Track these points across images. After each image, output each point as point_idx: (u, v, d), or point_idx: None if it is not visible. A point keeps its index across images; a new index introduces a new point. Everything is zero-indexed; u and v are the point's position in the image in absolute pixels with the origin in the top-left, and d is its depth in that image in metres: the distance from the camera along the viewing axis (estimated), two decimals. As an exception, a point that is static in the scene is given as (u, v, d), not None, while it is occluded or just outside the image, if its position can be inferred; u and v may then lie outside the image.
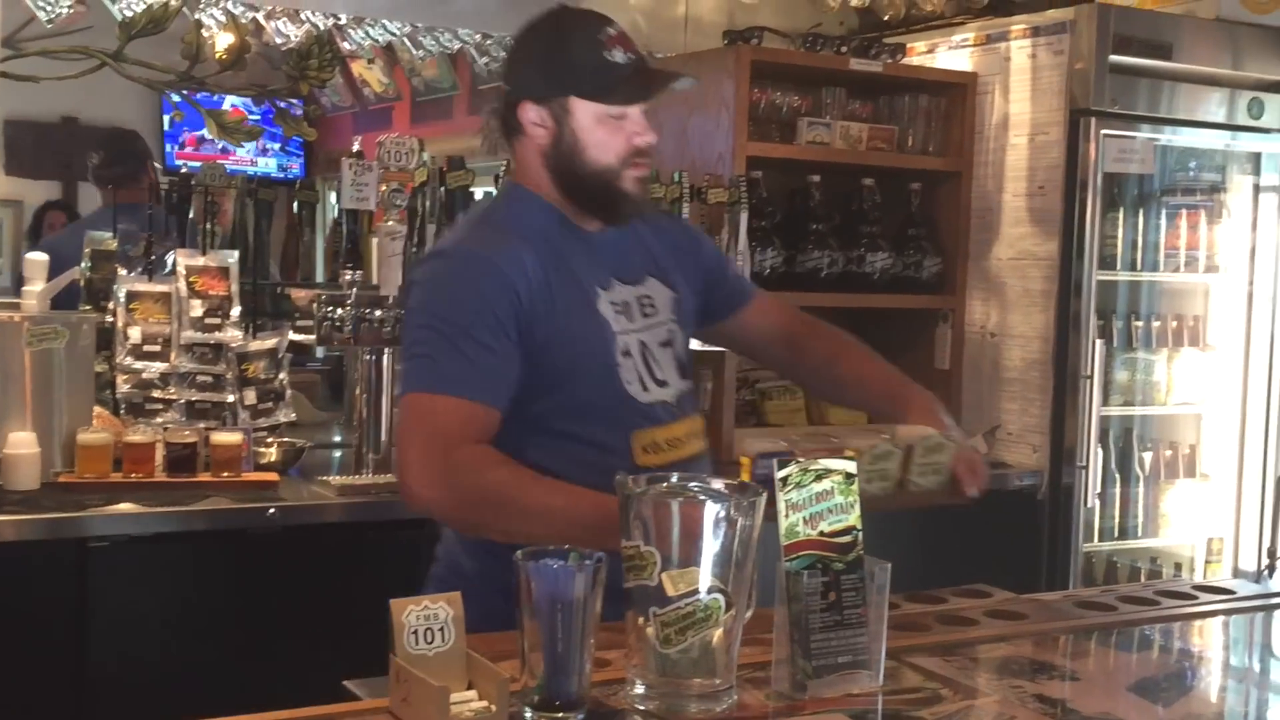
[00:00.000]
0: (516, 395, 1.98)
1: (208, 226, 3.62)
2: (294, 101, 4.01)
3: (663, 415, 2.07)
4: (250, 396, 3.16)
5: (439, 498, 1.90)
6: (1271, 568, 2.36)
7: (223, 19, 3.80)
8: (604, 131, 2.03)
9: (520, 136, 2.09)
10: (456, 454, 1.89)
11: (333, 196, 4.06)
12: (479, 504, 1.88)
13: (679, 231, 2.35)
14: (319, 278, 4.01)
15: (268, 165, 7.76)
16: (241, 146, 4.27)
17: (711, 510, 1.48)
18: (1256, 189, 4.07)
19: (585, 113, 2.02)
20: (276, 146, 7.74)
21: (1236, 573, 3.85)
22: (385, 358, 3.13)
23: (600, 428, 2.03)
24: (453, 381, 1.94)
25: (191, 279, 3.19)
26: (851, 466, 1.63)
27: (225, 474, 2.85)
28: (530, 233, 2.05)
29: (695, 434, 2.14)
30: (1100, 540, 3.91)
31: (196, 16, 3.74)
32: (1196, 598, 2.11)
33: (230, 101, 4.70)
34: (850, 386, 2.35)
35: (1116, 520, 3.96)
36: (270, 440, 3.12)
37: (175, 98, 3.73)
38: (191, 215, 3.68)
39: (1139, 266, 3.97)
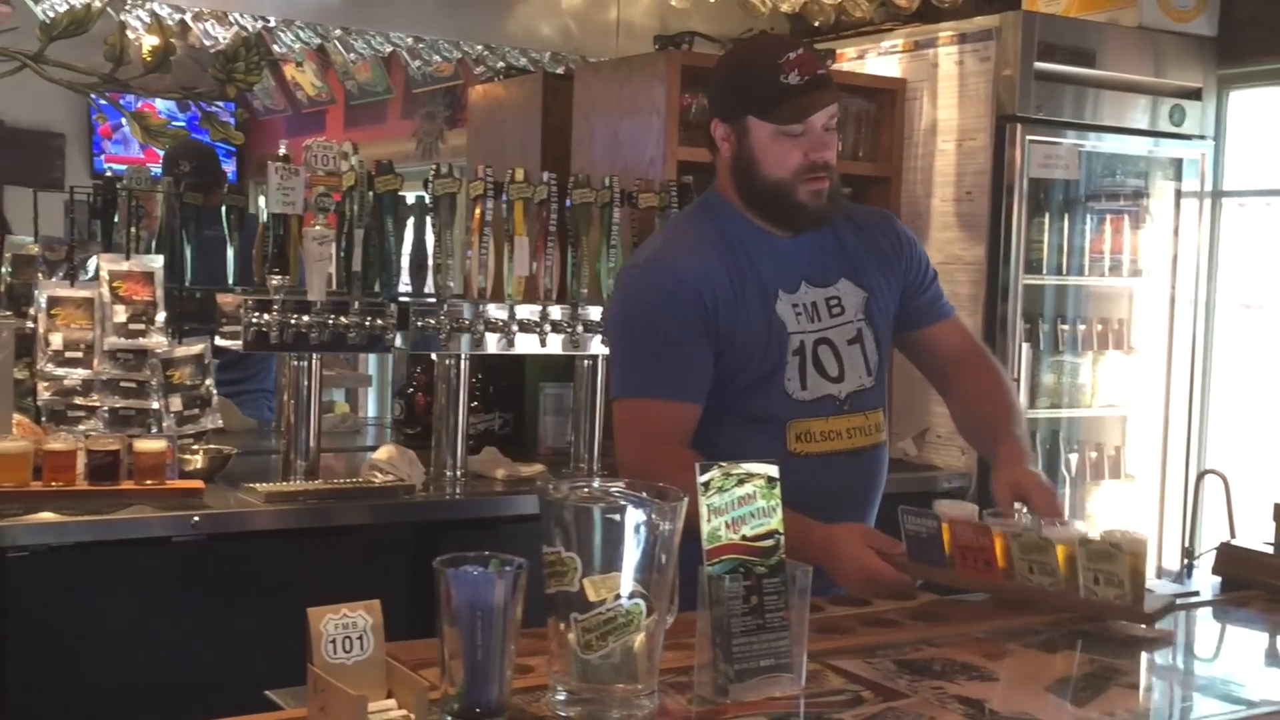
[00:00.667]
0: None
1: (133, 230, 3.59)
2: (220, 105, 3.96)
3: (823, 410, 2.29)
4: (176, 403, 3.12)
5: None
6: (1190, 567, 2.40)
7: (148, 20, 3.75)
8: (779, 148, 2.24)
9: (715, 150, 2.35)
10: (661, 453, 2.17)
11: (261, 200, 4.02)
12: None
13: (886, 233, 2.45)
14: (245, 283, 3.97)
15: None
16: (165, 149, 4.20)
17: (633, 516, 1.48)
18: (1178, 194, 4.14)
19: (761, 130, 2.25)
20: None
21: (1160, 572, 3.91)
22: (313, 363, 3.10)
23: (761, 415, 2.27)
24: (656, 385, 2.24)
25: (115, 284, 3.14)
26: (774, 471, 1.64)
27: (149, 482, 2.80)
28: (719, 238, 2.30)
29: (862, 429, 2.33)
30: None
31: (121, 18, 3.69)
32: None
33: (160, 105, 4.66)
34: (970, 429, 2.48)
35: (1043, 521, 4.00)
36: (196, 447, 3.08)
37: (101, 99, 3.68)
38: (117, 219, 3.65)
39: (1065, 271, 4.03)
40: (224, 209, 3.78)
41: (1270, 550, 2.23)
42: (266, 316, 2.97)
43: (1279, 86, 4.14)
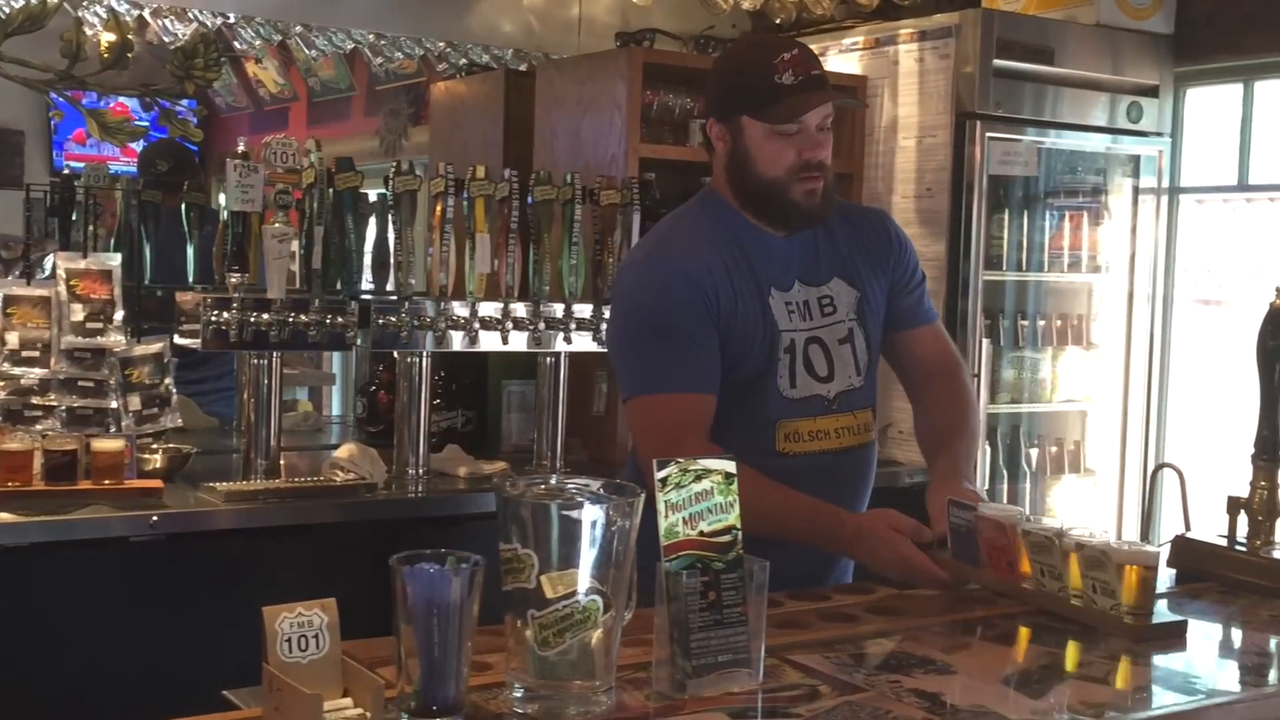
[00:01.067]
0: None
1: (91, 229, 3.56)
2: (185, 104, 3.94)
3: (814, 409, 2.29)
4: (134, 402, 3.10)
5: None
6: (1146, 560, 2.42)
7: (105, 16, 3.72)
8: (773, 146, 2.25)
9: (711, 149, 2.36)
10: (685, 449, 2.05)
11: (222, 198, 4.00)
12: None
13: (879, 232, 2.45)
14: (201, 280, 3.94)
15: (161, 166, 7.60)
16: (124, 148, 4.17)
17: (590, 513, 1.49)
18: (1136, 191, 4.18)
19: (755, 129, 2.25)
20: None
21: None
22: (273, 361, 3.09)
23: (750, 413, 2.27)
24: (668, 378, 2.22)
25: (72, 282, 3.11)
26: (731, 466, 1.64)
27: (107, 481, 2.78)
28: (715, 234, 2.30)
29: (850, 429, 2.34)
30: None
31: (77, 14, 3.66)
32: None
33: (125, 102, 4.62)
34: (921, 440, 2.47)
35: (1004, 515, 4.03)
36: (155, 447, 3.06)
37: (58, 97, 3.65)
38: (75, 217, 3.62)
39: (1024, 267, 4.06)
40: (183, 207, 3.77)
41: (1224, 543, 2.26)
42: (226, 315, 2.95)
43: (1235, 84, 4.18)
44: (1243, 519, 2.24)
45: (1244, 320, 2.23)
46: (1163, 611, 1.94)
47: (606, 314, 3.05)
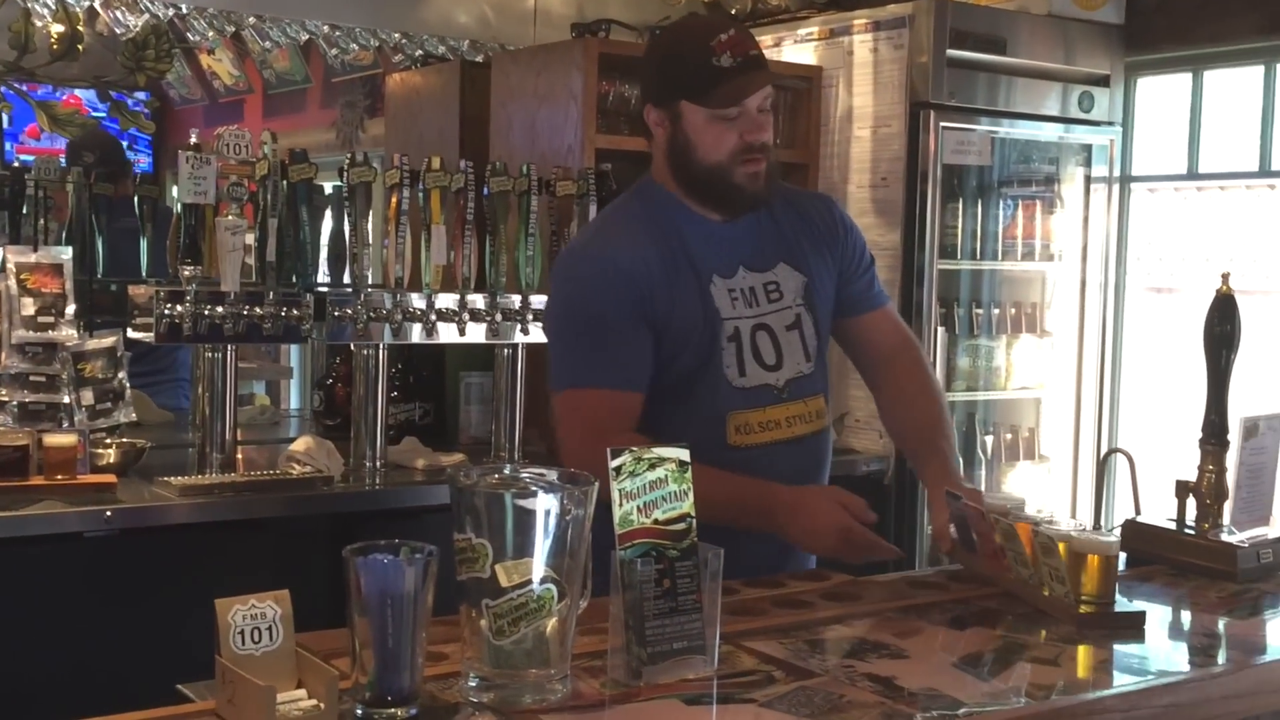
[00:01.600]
0: None
1: (41, 222, 3.53)
2: (140, 95, 3.91)
3: (763, 399, 2.26)
4: (87, 397, 3.07)
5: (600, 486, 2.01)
6: (1097, 545, 2.45)
7: (54, 7, 3.68)
8: (714, 131, 2.21)
9: (650, 136, 2.32)
10: (606, 444, 1.98)
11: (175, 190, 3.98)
12: None
13: (825, 216, 2.41)
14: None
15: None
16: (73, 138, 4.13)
17: (544, 501, 1.49)
18: (1088, 180, 4.22)
19: (695, 114, 2.21)
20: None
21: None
22: (228, 354, 3.07)
23: (700, 406, 2.23)
24: (597, 373, 2.19)
25: (22, 276, 3.08)
26: (684, 454, 1.65)
27: (60, 477, 2.76)
28: (651, 223, 2.27)
29: (802, 417, 2.30)
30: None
31: (26, 4, 3.62)
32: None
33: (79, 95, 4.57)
34: (898, 434, 2.48)
35: (961, 502, 4.07)
36: (109, 441, 3.03)
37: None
38: (25, 211, 3.58)
39: (979, 255, 4.09)
40: (136, 199, 3.74)
41: (1173, 526, 2.29)
42: (179, 308, 2.93)
43: (1185, 73, 4.23)
44: (1191, 503, 2.27)
45: (1196, 307, 2.27)
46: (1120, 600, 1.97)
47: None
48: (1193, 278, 4.31)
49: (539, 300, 3.35)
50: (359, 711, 1.41)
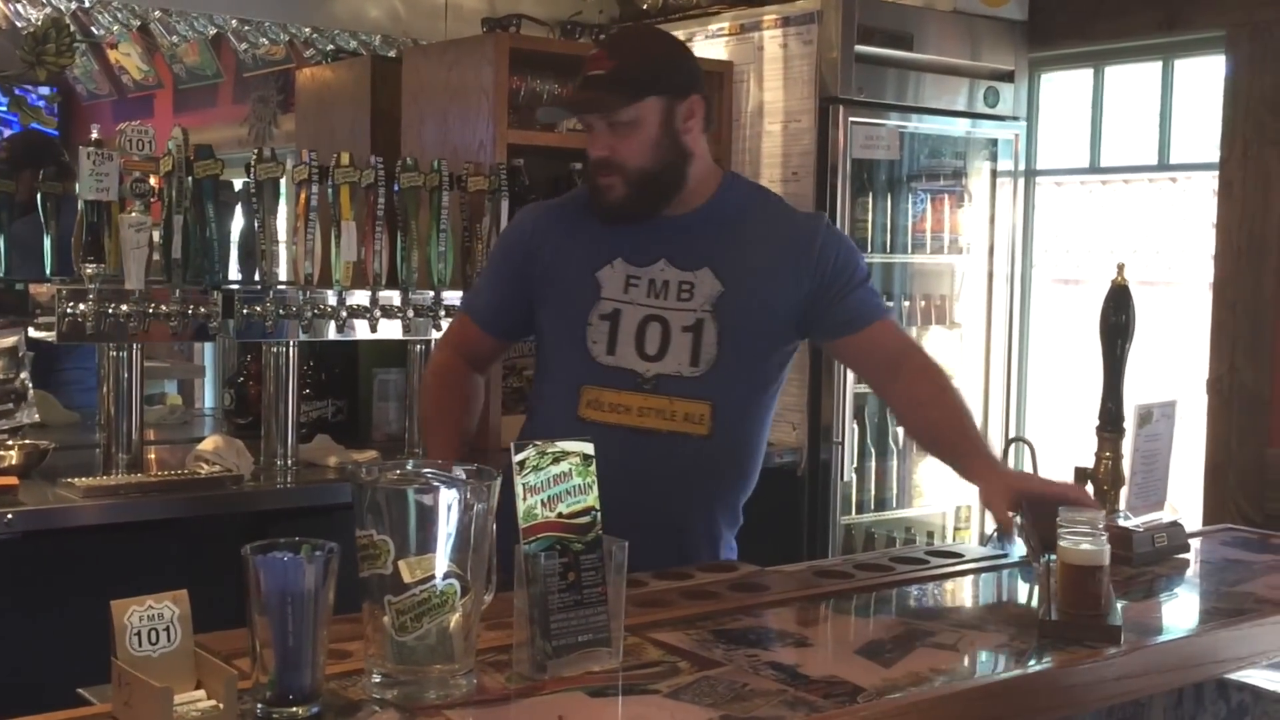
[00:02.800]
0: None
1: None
2: (36, 90, 3.83)
3: (624, 382, 2.30)
4: (-12, 398, 3.01)
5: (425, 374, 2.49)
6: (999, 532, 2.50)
7: (-50, 0, 3.60)
8: (588, 138, 2.34)
9: None
10: (437, 354, 2.52)
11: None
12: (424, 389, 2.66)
13: (797, 240, 2.36)
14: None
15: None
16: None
17: (446, 496, 1.49)
18: (994, 174, 4.30)
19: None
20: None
21: (983, 538, 4.06)
22: (134, 353, 3.02)
23: (562, 372, 2.36)
24: (468, 297, 2.63)
25: (-81, 276, 3.02)
26: (589, 448, 1.66)
27: None
28: (584, 206, 2.39)
29: (660, 412, 2.29)
30: (858, 513, 4.07)
31: (-79, -3, 3.54)
32: (928, 562, 2.22)
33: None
34: (924, 438, 2.45)
35: (873, 493, 4.13)
36: (10, 443, 2.98)
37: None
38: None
39: (890, 249, 4.14)
40: (39, 197, 3.67)
41: (1072, 512, 2.33)
42: (82, 306, 2.88)
43: (1087, 69, 4.32)
44: (1089, 489, 2.32)
45: (1100, 298, 2.33)
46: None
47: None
48: (1097, 269, 4.40)
49: (452, 296, 3.34)
50: (259, 711, 1.40)
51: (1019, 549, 2.31)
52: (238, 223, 3.52)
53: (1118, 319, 2.28)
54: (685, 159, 2.33)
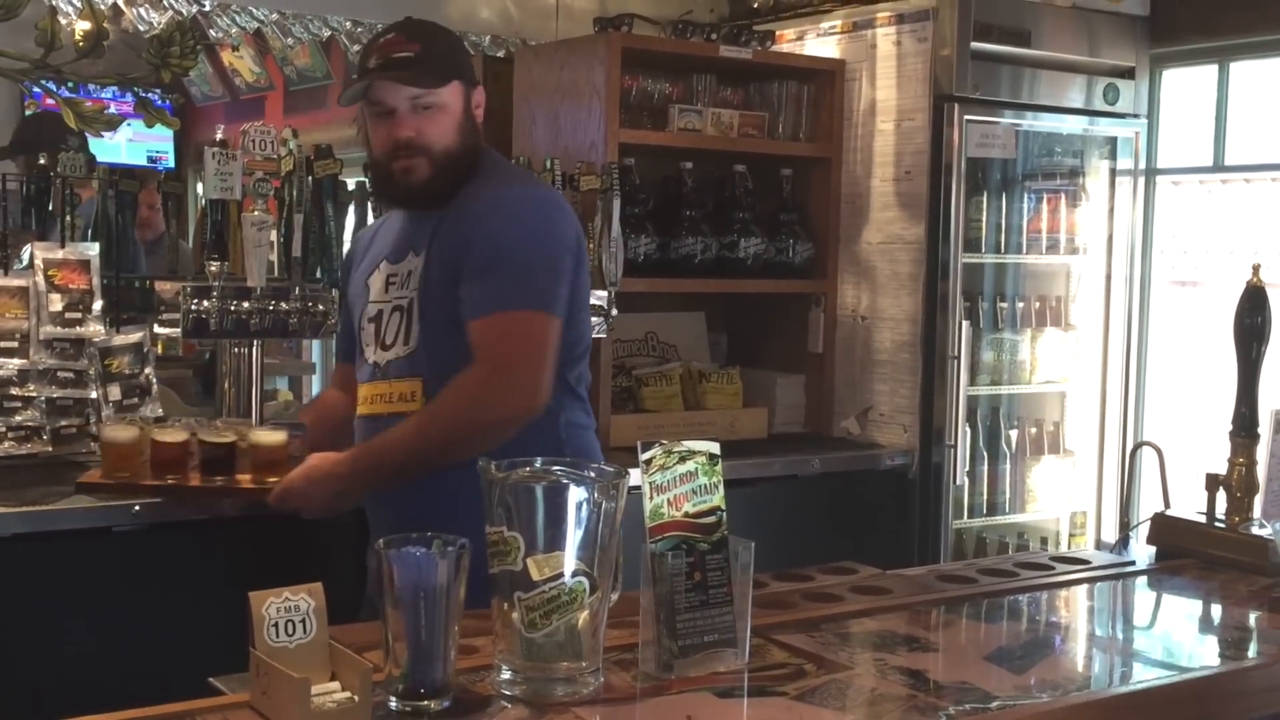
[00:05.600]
0: None
1: (69, 218, 3.54)
2: (155, 91, 3.92)
3: (368, 375, 2.44)
4: (114, 392, 3.08)
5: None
6: (1126, 539, 2.44)
7: (79, 5, 3.69)
8: (375, 128, 2.39)
9: None
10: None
11: (200, 186, 3.98)
12: None
13: (470, 220, 2.33)
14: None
15: (137, 155, 7.58)
16: (101, 136, 4.14)
17: (575, 494, 1.49)
18: (1113, 173, 4.19)
19: (366, 111, 2.40)
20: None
21: (1099, 544, 3.98)
22: (254, 350, 3.08)
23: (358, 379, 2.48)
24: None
25: (50, 272, 3.10)
26: (714, 448, 1.65)
27: (270, 479, 2.51)
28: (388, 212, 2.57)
29: (383, 396, 2.40)
30: (970, 517, 4.00)
31: (51, 2, 3.63)
32: (1053, 568, 2.17)
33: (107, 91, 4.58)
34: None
35: (985, 497, 4.06)
36: (137, 436, 3.04)
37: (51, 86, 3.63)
38: (51, 207, 3.59)
39: (1003, 249, 4.07)
40: (161, 195, 3.75)
41: (1203, 519, 2.27)
42: (206, 304, 2.94)
43: (1210, 65, 4.20)
44: (1221, 496, 2.26)
45: (1220, 301, 2.25)
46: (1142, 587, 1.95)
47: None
48: (1217, 271, 4.29)
49: (563, 295, 3.34)
50: (393, 704, 1.41)
51: (1142, 557, 2.26)
52: (350, 221, 3.57)
53: (1253, 321, 2.21)
54: (479, 146, 2.43)
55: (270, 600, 1.42)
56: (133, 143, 7.60)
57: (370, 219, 3.18)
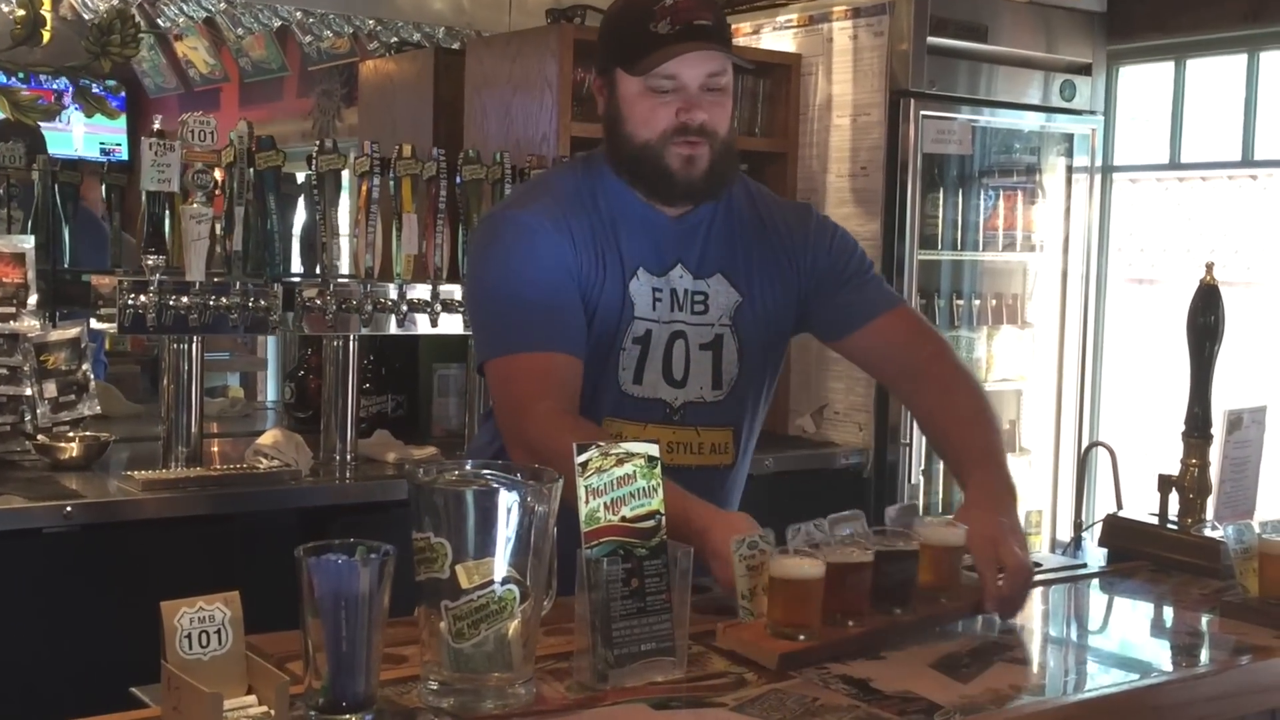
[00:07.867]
0: None
1: (5, 211, 3.46)
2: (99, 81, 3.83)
3: (651, 413, 2.03)
4: (50, 389, 3.00)
5: (519, 457, 1.88)
6: (1079, 540, 2.42)
7: (16, -9, 3.61)
8: (646, 105, 1.97)
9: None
10: (534, 413, 1.86)
11: (143, 179, 3.90)
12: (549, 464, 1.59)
13: (792, 231, 2.14)
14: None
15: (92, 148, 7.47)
16: (38, 126, 4.04)
17: (505, 499, 1.43)
18: (1069, 170, 4.18)
19: (629, 85, 1.99)
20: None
21: (1054, 544, 3.96)
22: (194, 346, 3.00)
23: (591, 401, 2.00)
24: (522, 338, 1.93)
25: (-18, 266, 3.01)
26: (653, 450, 1.60)
27: None
28: (587, 194, 2.04)
29: (689, 446, 2.06)
30: (925, 516, 3.96)
31: (-12, -11, 3.55)
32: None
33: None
34: (938, 445, 2.17)
35: (941, 496, 4.03)
36: (71, 434, 2.97)
37: None
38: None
39: (960, 246, 4.04)
40: (104, 188, 3.68)
41: (1155, 521, 2.25)
42: (143, 298, 2.86)
43: (1167, 62, 4.19)
44: (1174, 497, 2.23)
45: (1177, 299, 2.22)
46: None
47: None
48: (1174, 269, 4.28)
49: (513, 291, 3.29)
50: (312, 717, 1.35)
51: (1094, 558, 2.23)
52: (299, 216, 3.50)
53: (1206, 320, 2.18)
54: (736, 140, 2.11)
55: (183, 610, 1.36)
56: (89, 134, 7.49)
57: (316, 214, 3.10)
